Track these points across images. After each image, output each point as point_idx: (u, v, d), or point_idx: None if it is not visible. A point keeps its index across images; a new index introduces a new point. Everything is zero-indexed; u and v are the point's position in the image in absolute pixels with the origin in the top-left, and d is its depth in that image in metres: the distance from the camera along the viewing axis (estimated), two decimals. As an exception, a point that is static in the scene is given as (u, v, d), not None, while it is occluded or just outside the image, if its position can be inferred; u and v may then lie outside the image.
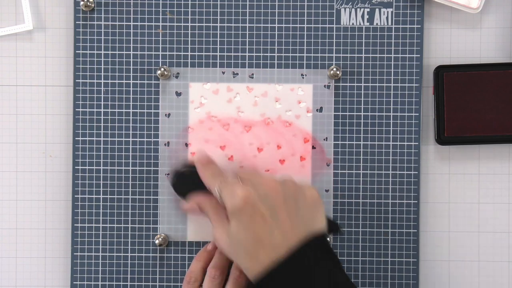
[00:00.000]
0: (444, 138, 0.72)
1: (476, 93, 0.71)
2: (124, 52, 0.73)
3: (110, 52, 0.73)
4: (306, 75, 0.73)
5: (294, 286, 0.57)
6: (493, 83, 0.71)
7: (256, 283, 0.58)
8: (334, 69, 0.72)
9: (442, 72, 0.71)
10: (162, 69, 0.72)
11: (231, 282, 0.67)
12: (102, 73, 0.73)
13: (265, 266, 0.57)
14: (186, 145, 0.73)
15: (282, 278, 0.57)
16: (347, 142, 0.73)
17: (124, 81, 0.73)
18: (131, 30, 0.73)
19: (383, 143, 0.73)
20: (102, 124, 0.73)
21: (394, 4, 0.73)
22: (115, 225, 0.73)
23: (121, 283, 0.73)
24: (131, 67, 0.73)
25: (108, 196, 0.73)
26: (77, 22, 0.73)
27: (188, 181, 0.69)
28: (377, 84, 0.73)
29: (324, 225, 0.61)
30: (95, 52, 0.73)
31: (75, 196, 0.73)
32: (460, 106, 0.71)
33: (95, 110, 0.73)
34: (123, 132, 0.73)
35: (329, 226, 0.62)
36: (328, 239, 0.59)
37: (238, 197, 0.59)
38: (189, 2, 0.73)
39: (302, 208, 0.60)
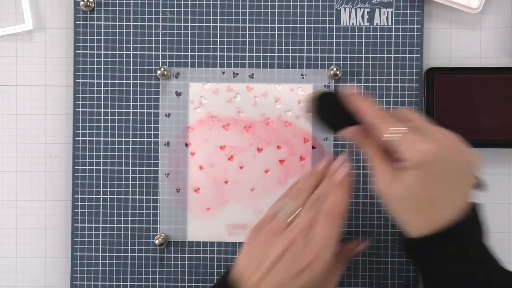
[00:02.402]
0: None
1: (466, 96, 0.71)
2: (124, 52, 0.73)
3: (110, 52, 0.73)
4: (306, 75, 0.73)
5: (458, 251, 0.56)
6: (484, 87, 0.71)
7: (417, 240, 0.57)
8: (334, 69, 0.72)
9: (433, 75, 0.71)
10: (162, 69, 0.72)
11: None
12: (102, 73, 0.73)
13: (437, 225, 0.56)
14: (186, 145, 0.73)
15: (448, 240, 0.56)
16: (347, 142, 0.73)
17: (124, 81, 0.73)
18: (131, 30, 0.73)
19: (383, 143, 0.73)
20: (102, 124, 0.73)
21: (394, 4, 0.73)
22: (115, 225, 0.73)
23: (121, 283, 0.73)
24: (131, 67, 0.73)
25: (108, 196, 0.73)
26: (77, 22, 0.73)
27: (333, 107, 0.63)
28: (377, 84, 0.73)
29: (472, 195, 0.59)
30: (95, 52, 0.73)
31: (75, 196, 0.73)
32: (450, 110, 0.71)
33: (95, 110, 0.73)
34: (123, 132, 0.73)
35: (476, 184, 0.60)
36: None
37: (422, 151, 0.56)
38: (189, 2, 0.73)
39: (468, 174, 0.58)
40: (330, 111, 0.63)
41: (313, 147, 0.73)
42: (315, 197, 0.62)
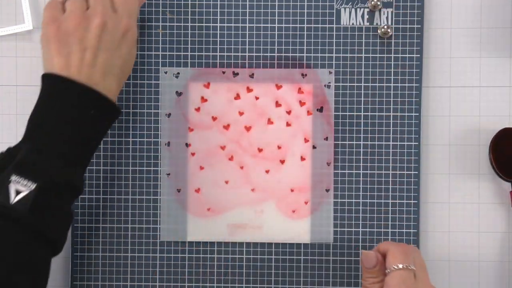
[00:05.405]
0: None
1: None
2: (124, 52, 0.73)
3: (110, 52, 0.73)
4: (306, 74, 0.73)
5: None
6: None
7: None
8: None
9: None
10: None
11: None
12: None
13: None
14: (187, 145, 0.73)
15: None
16: (347, 142, 0.73)
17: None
18: (131, 30, 0.73)
19: (383, 143, 0.73)
20: (102, 124, 0.73)
21: (394, 4, 0.73)
22: (115, 225, 0.73)
23: (121, 283, 0.73)
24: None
25: (108, 196, 0.73)
26: (77, 22, 0.73)
27: None
28: (377, 84, 0.73)
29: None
30: (95, 52, 0.73)
31: (75, 196, 0.73)
32: None
33: (95, 110, 0.73)
34: (123, 132, 0.73)
35: None
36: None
37: None
38: (189, 2, 0.73)
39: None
40: None
41: (314, 147, 0.73)
42: None
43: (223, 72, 0.73)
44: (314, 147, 0.73)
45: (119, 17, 0.65)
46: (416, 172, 0.72)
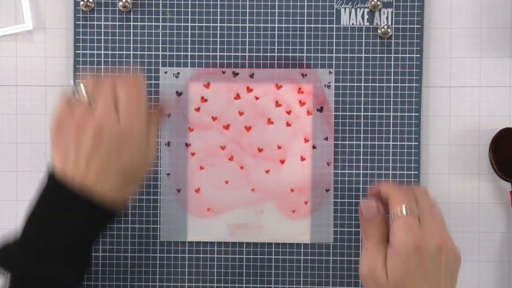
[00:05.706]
0: None
1: None
2: (124, 52, 0.73)
3: (110, 52, 0.73)
4: (306, 75, 0.73)
5: None
6: None
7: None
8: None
9: None
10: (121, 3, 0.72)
11: None
12: (102, 73, 0.73)
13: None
14: (187, 145, 0.73)
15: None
16: (347, 142, 0.73)
17: (124, 81, 0.73)
18: (131, 30, 0.73)
19: (383, 143, 0.73)
20: (102, 124, 0.73)
21: (394, 4, 0.73)
22: (115, 225, 0.73)
23: (121, 283, 0.73)
24: (131, 67, 0.73)
25: (108, 196, 0.73)
26: (77, 22, 0.73)
27: None
28: (377, 84, 0.73)
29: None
30: (95, 52, 0.73)
31: (75, 196, 0.73)
32: None
33: (95, 110, 0.73)
34: (123, 132, 0.73)
35: None
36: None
37: (408, 242, 0.59)
38: (189, 2, 0.73)
39: (450, 272, 0.60)
40: None
41: (314, 147, 0.73)
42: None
43: (223, 72, 0.73)
44: (314, 147, 0.73)
45: (122, 120, 0.58)
46: (416, 172, 0.72)
